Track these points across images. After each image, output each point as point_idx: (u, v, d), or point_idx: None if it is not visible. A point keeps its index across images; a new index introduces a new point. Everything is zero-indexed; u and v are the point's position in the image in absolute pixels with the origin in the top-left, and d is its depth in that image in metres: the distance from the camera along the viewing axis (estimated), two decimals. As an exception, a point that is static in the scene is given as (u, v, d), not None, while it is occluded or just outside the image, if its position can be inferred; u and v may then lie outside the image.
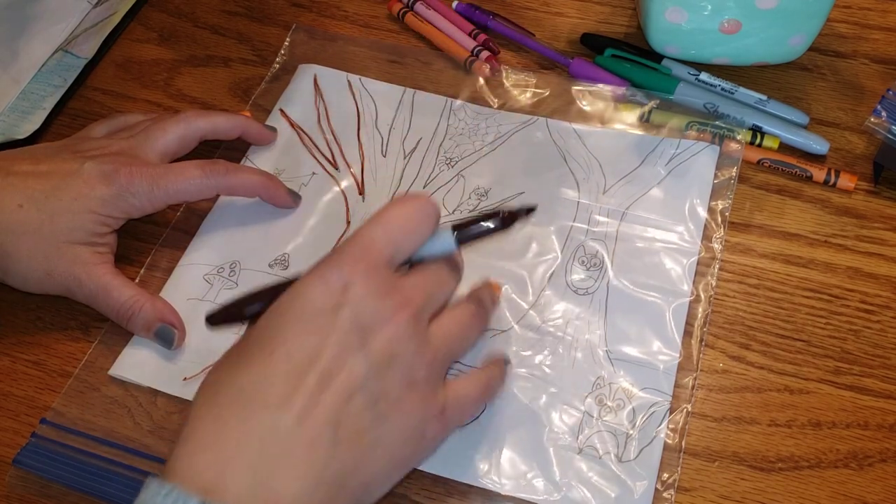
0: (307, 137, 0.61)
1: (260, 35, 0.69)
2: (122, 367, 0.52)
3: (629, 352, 0.50)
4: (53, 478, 0.48)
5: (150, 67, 0.67)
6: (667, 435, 0.47)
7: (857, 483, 0.46)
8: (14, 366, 0.53)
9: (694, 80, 0.61)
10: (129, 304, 0.51)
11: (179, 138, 0.55)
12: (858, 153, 0.58)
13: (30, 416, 0.51)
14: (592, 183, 0.57)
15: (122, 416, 0.50)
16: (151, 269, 0.56)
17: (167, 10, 0.71)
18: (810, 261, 0.54)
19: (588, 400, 0.49)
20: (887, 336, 0.51)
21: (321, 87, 0.63)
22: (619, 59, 0.63)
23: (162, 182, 0.52)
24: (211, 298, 0.54)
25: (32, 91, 0.65)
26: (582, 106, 0.61)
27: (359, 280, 0.38)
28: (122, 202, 0.52)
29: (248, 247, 0.56)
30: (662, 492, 0.46)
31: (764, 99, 0.59)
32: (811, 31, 0.57)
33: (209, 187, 0.54)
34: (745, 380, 0.50)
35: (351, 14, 0.69)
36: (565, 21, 0.67)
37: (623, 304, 0.52)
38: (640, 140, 0.58)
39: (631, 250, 0.54)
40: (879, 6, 0.66)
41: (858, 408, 0.48)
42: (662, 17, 0.57)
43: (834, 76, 0.62)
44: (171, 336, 0.51)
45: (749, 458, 0.47)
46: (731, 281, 0.53)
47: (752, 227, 0.55)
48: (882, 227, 0.55)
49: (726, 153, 0.57)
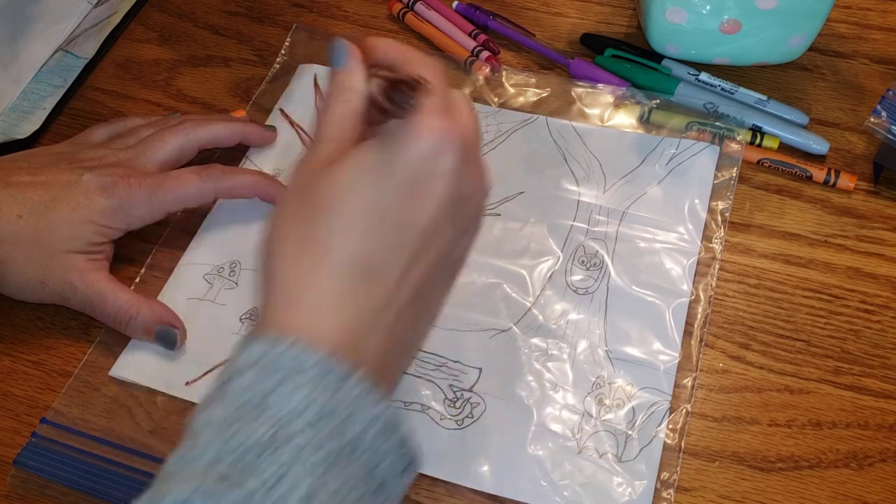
0: (307, 137, 0.61)
1: (260, 35, 0.69)
2: (122, 368, 0.52)
3: (629, 352, 0.50)
4: (54, 478, 0.48)
5: (150, 67, 0.67)
6: (666, 435, 0.47)
7: (857, 483, 0.46)
8: (14, 366, 0.53)
9: (694, 80, 0.61)
10: (125, 309, 0.51)
11: (178, 149, 0.55)
12: (858, 153, 0.58)
13: (30, 416, 0.51)
14: (592, 182, 0.57)
15: (123, 416, 0.50)
16: (152, 268, 0.56)
17: (167, 10, 0.71)
18: (810, 261, 0.54)
19: (588, 399, 0.49)
20: (887, 336, 0.51)
21: (321, 86, 0.63)
22: (619, 59, 0.63)
23: (160, 191, 0.52)
24: (211, 298, 0.54)
25: (33, 91, 0.65)
26: (582, 106, 0.61)
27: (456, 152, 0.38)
28: (121, 213, 0.52)
29: (249, 246, 0.56)
30: (662, 492, 0.46)
31: (764, 99, 0.59)
32: (811, 31, 0.57)
33: (207, 192, 0.54)
34: (745, 380, 0.50)
35: (351, 14, 0.69)
36: (565, 21, 0.67)
37: (623, 303, 0.52)
38: (641, 140, 0.58)
39: (631, 250, 0.54)
40: (879, 6, 0.66)
41: (858, 408, 0.48)
42: (662, 17, 0.57)
43: (834, 76, 0.62)
44: (172, 337, 0.51)
45: (749, 458, 0.47)
46: (731, 281, 0.53)
47: (752, 227, 0.55)
48: (882, 227, 0.55)
49: (726, 153, 0.57)
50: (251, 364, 0.34)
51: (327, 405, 0.33)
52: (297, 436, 0.32)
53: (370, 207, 0.37)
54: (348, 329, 0.36)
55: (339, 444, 0.33)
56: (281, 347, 0.34)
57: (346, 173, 0.37)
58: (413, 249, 0.37)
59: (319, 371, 0.33)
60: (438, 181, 0.37)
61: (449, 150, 0.37)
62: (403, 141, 0.37)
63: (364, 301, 0.36)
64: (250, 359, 0.34)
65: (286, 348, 0.34)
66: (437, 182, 0.37)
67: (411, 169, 0.37)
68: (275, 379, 0.33)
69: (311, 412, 0.33)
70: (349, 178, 0.37)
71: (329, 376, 0.34)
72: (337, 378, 0.34)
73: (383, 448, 0.35)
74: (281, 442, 0.32)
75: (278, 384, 0.33)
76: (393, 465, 0.35)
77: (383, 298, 0.37)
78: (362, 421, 0.34)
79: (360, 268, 0.36)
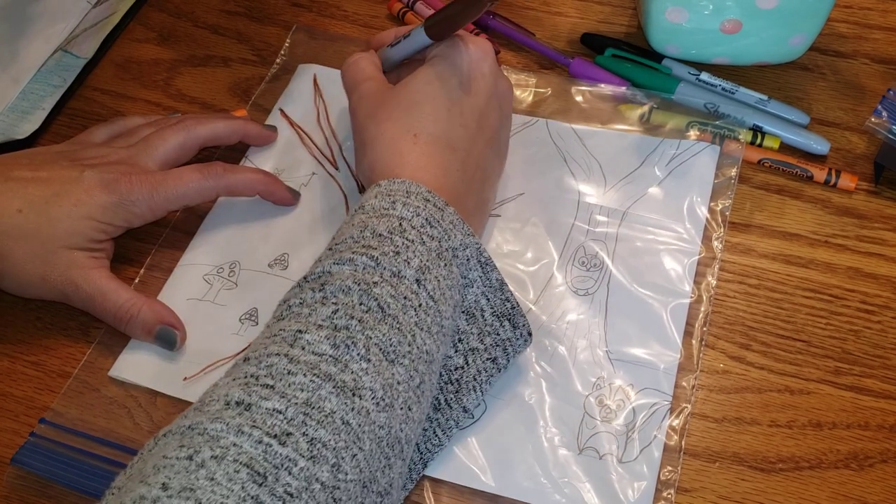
0: (307, 137, 0.61)
1: (260, 35, 0.69)
2: (121, 369, 0.52)
3: (629, 352, 0.50)
4: (52, 477, 0.48)
5: (150, 67, 0.67)
6: (667, 435, 0.47)
7: (858, 484, 0.46)
8: (14, 366, 0.53)
9: (694, 79, 0.61)
10: (126, 308, 0.51)
11: (179, 147, 0.55)
12: (859, 153, 0.58)
13: (29, 417, 0.51)
14: (593, 183, 0.57)
15: (122, 417, 0.50)
16: (151, 269, 0.56)
17: (167, 10, 0.71)
18: (810, 261, 0.54)
19: (588, 400, 0.48)
20: (887, 336, 0.51)
21: (321, 86, 0.63)
22: (620, 58, 0.63)
23: (161, 188, 0.52)
24: (210, 298, 0.54)
25: (32, 91, 0.65)
26: (582, 106, 0.61)
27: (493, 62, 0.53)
28: (122, 210, 0.52)
29: (248, 247, 0.56)
30: (662, 492, 0.46)
31: (764, 99, 0.59)
32: (811, 31, 0.57)
33: (209, 189, 0.54)
34: (746, 380, 0.50)
35: (351, 14, 0.69)
36: (565, 21, 0.67)
37: (623, 304, 0.52)
38: (641, 141, 0.58)
39: (631, 251, 0.54)
40: (880, 6, 0.65)
41: (859, 408, 0.48)
42: (663, 17, 0.57)
43: (834, 76, 0.62)
44: (172, 337, 0.51)
45: (749, 458, 0.47)
46: (732, 281, 0.53)
47: (752, 227, 0.55)
48: (882, 228, 0.55)
49: (727, 153, 0.57)
50: (376, 194, 0.46)
51: (433, 216, 0.45)
52: (414, 229, 0.44)
53: (442, 101, 0.50)
54: (438, 180, 0.48)
55: (441, 246, 0.45)
56: (397, 183, 0.46)
57: (420, 83, 0.50)
58: (473, 129, 0.50)
59: (425, 196, 0.46)
60: (485, 78, 0.51)
61: (487, 56, 0.52)
62: (455, 54, 0.51)
63: (446, 163, 0.49)
64: (375, 190, 0.46)
65: (400, 183, 0.46)
66: (484, 79, 0.51)
67: (464, 72, 0.51)
68: (393, 198, 0.45)
69: (421, 217, 0.45)
70: (423, 85, 0.50)
71: (432, 200, 0.46)
72: (437, 203, 0.46)
73: (472, 275, 0.46)
74: (405, 228, 0.44)
75: (395, 200, 0.45)
76: (486, 300, 0.47)
77: (458, 162, 0.49)
78: (458, 238, 0.46)
79: (440, 143, 0.49)
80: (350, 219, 0.46)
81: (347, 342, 0.39)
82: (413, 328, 0.42)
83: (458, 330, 0.46)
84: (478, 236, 0.48)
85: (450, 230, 0.45)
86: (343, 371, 0.38)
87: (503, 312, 0.47)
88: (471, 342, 0.46)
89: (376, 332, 0.40)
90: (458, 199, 0.48)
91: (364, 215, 0.45)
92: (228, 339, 0.52)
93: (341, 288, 0.41)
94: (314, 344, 0.39)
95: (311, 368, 0.38)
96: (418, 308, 0.42)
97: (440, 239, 0.45)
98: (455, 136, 0.49)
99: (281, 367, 0.38)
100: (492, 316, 0.47)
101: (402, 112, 0.50)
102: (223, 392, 0.37)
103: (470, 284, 0.46)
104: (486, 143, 0.51)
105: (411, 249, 0.43)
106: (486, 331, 0.47)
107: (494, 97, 0.52)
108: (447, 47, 0.51)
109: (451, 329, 0.45)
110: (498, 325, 0.47)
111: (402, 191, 0.46)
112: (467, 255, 0.46)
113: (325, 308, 0.40)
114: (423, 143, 0.48)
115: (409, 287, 0.42)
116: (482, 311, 0.47)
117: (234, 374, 0.39)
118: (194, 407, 0.38)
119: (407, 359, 0.41)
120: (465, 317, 0.46)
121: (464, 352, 0.46)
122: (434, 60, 0.51)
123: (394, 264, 0.42)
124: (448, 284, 0.44)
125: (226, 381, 0.39)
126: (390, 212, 0.45)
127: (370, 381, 0.39)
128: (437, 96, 0.50)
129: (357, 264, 0.42)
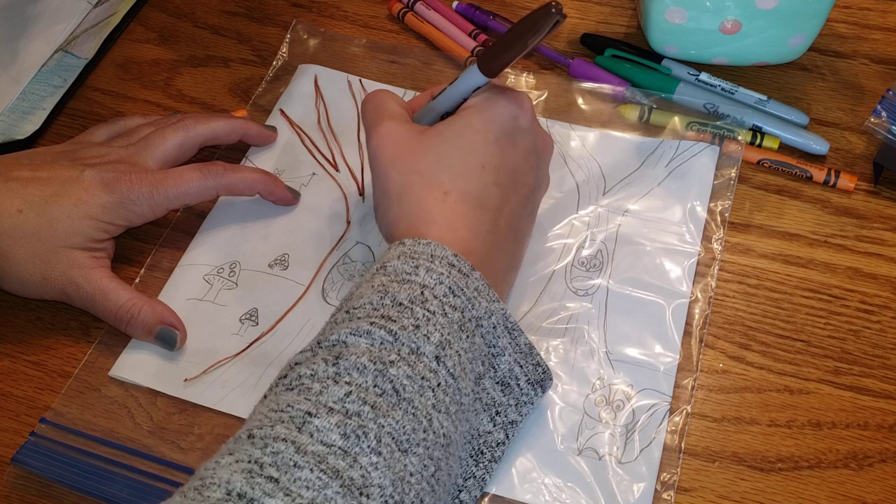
0: (307, 138, 0.61)
1: (260, 35, 0.69)
2: (122, 369, 0.52)
3: (629, 353, 0.50)
4: (53, 477, 0.48)
5: (150, 68, 0.67)
6: (667, 435, 0.47)
7: (857, 483, 0.46)
8: (14, 366, 0.53)
9: (694, 80, 0.61)
10: (126, 307, 0.51)
11: (179, 146, 0.55)
12: (858, 153, 0.58)
13: (30, 417, 0.51)
14: (592, 184, 0.57)
15: (122, 417, 0.50)
16: (151, 269, 0.56)
17: (167, 11, 0.71)
18: (810, 261, 0.54)
19: (588, 401, 0.49)
20: (887, 336, 0.51)
21: (321, 87, 0.63)
22: (619, 59, 0.63)
23: (162, 187, 0.52)
24: (211, 298, 0.54)
25: (32, 91, 0.65)
26: (582, 106, 0.61)
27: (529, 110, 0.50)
28: (122, 209, 0.52)
29: (248, 247, 0.56)
30: (662, 492, 0.46)
31: (764, 99, 0.59)
32: (811, 31, 0.57)
33: (209, 188, 0.54)
34: (745, 380, 0.50)
35: (350, 14, 0.69)
36: (565, 21, 0.67)
37: (623, 305, 0.52)
38: (641, 142, 0.58)
39: (631, 251, 0.54)
40: (879, 6, 0.66)
41: (858, 408, 0.48)
42: (662, 17, 0.57)
43: (834, 76, 0.62)
44: (172, 338, 0.51)
45: (749, 458, 0.47)
46: (731, 281, 0.53)
47: (751, 227, 0.55)
48: (882, 228, 0.55)
49: (726, 153, 0.57)
50: (399, 254, 0.44)
51: (458, 283, 0.43)
52: (437, 298, 0.42)
53: (476, 157, 0.47)
54: (466, 242, 0.45)
55: (464, 317, 0.43)
56: (422, 244, 0.44)
57: (453, 134, 0.48)
58: (507, 187, 0.48)
59: (450, 261, 0.43)
60: (523, 134, 0.49)
61: (524, 112, 0.49)
62: (491, 106, 0.48)
63: (476, 224, 0.46)
64: (399, 249, 0.44)
65: (425, 245, 0.44)
66: (522, 135, 0.49)
67: (500, 126, 0.48)
68: (417, 262, 0.43)
69: (444, 286, 0.42)
70: (456, 137, 0.47)
71: (457, 265, 0.43)
72: (462, 269, 0.44)
73: (501, 342, 0.44)
74: (427, 297, 0.42)
75: (419, 265, 0.43)
76: (519, 367, 0.45)
77: (489, 223, 0.47)
78: (483, 306, 0.44)
79: (471, 202, 0.46)
80: (371, 278, 0.44)
81: (358, 432, 0.37)
82: (430, 411, 0.39)
83: (494, 402, 0.45)
84: (505, 298, 0.46)
85: (474, 298, 0.43)
86: (352, 467, 0.36)
87: (536, 379, 0.46)
88: (509, 415, 0.45)
89: (389, 419, 0.38)
90: (487, 260, 0.46)
91: (385, 277, 0.43)
92: (229, 339, 0.52)
93: (356, 366, 0.39)
94: (324, 432, 0.36)
95: (318, 462, 0.35)
96: (436, 388, 0.40)
97: (463, 309, 0.43)
98: (487, 195, 0.47)
99: (287, 456, 0.35)
100: (527, 384, 0.45)
101: (432, 165, 0.47)
102: (225, 477, 0.35)
103: (501, 353, 0.44)
104: (520, 202, 0.49)
105: (432, 322, 0.41)
106: (523, 400, 0.45)
107: (532, 154, 0.49)
108: (483, 99, 0.49)
109: (471, 403, 0.43)
110: (533, 394, 0.46)
111: (427, 254, 0.43)
112: (493, 322, 0.44)
113: (337, 388, 0.38)
114: (453, 201, 0.46)
115: (427, 366, 0.40)
116: (517, 380, 0.45)
117: (238, 454, 0.36)
118: (193, 486, 0.35)
119: (421, 447, 0.38)
120: (501, 387, 0.45)
121: (503, 425, 0.45)
122: (468, 112, 0.48)
123: (413, 340, 0.40)
124: (469, 357, 0.42)
125: (228, 462, 0.36)
126: (413, 278, 0.42)
127: (380, 478, 0.36)
128: (470, 151, 0.47)
129: (374, 338, 0.40)
